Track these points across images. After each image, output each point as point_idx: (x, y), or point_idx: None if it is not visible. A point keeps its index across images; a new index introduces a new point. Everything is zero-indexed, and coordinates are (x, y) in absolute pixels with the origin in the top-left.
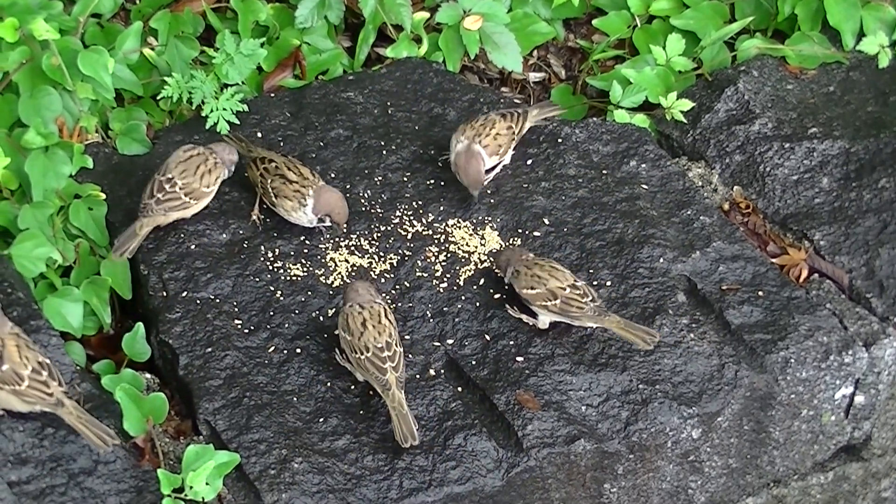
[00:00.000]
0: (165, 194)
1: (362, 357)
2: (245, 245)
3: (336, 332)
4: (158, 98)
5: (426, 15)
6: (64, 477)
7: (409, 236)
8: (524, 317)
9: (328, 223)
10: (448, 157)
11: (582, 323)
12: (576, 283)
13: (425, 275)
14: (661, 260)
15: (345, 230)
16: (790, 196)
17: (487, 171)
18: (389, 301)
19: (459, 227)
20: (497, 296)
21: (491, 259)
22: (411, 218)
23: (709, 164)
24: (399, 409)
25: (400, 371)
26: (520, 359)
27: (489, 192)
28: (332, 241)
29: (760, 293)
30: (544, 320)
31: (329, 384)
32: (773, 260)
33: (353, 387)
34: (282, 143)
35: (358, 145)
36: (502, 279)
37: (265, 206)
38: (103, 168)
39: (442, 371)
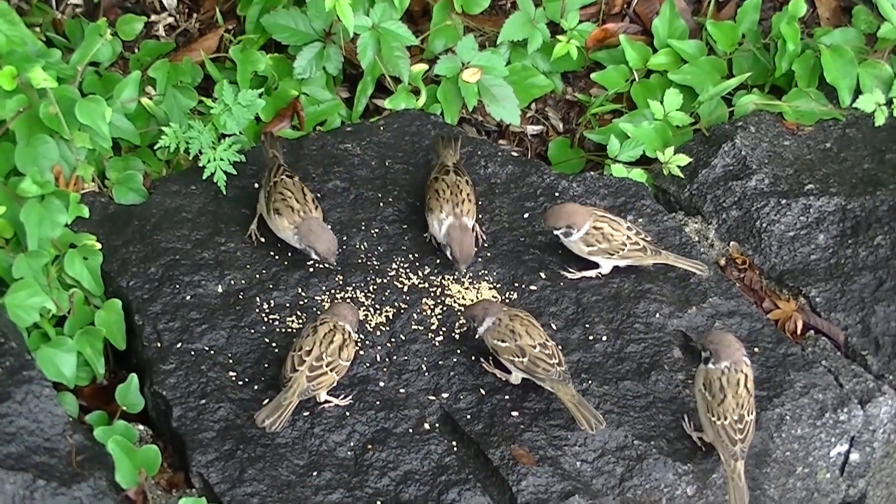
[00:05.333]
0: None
1: None
2: (241, 296)
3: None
4: (156, 147)
5: (425, 67)
6: None
7: (406, 289)
8: (497, 372)
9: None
10: (428, 236)
11: (545, 385)
12: (546, 343)
13: (421, 328)
14: (658, 315)
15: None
16: (786, 252)
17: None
18: (384, 353)
19: (455, 281)
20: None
21: (462, 311)
22: (407, 270)
23: (705, 219)
24: None
25: None
26: (515, 413)
27: (486, 245)
28: (327, 292)
29: (756, 349)
30: (517, 376)
31: (323, 437)
32: (768, 315)
33: (346, 440)
34: None
35: (355, 197)
36: None
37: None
38: (99, 217)
39: (437, 425)
